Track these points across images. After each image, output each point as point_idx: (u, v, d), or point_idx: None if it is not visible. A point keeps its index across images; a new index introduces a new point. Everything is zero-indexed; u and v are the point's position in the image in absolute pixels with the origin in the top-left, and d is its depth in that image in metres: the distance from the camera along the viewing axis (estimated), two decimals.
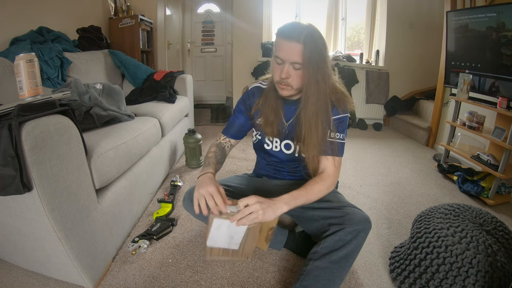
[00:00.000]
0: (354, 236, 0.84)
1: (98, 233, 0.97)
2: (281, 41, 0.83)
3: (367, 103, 3.39)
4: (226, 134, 1.09)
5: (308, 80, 0.85)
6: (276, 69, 0.87)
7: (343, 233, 0.85)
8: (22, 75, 0.77)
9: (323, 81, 0.86)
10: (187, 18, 4.14)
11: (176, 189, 1.59)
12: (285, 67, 0.84)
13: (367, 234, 0.87)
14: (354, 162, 2.19)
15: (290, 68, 0.84)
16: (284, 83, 0.87)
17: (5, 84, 1.35)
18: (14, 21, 1.73)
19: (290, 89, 0.89)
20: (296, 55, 0.81)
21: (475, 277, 0.82)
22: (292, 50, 0.81)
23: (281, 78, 0.86)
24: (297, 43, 0.80)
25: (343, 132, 0.96)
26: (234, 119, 1.09)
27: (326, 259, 0.85)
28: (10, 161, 0.68)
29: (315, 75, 0.84)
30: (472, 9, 1.86)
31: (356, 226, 0.85)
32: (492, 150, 1.80)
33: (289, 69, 0.84)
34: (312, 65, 0.83)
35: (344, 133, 0.96)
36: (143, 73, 2.30)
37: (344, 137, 0.96)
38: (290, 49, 0.81)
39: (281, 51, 0.83)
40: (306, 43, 0.80)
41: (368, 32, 3.59)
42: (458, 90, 1.91)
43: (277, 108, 0.99)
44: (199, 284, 0.98)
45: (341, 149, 0.96)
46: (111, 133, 1.17)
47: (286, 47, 0.82)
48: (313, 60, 0.82)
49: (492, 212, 1.52)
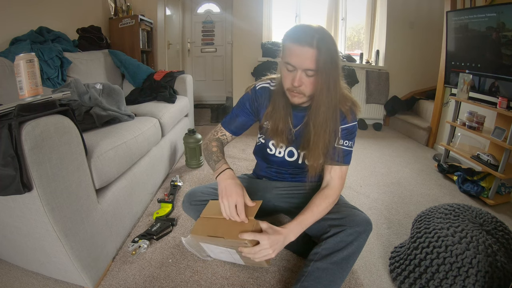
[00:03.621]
0: (355, 237, 0.84)
1: (98, 233, 0.97)
2: (292, 46, 0.77)
3: (367, 103, 3.39)
4: (226, 128, 1.05)
5: (320, 87, 0.81)
6: (287, 76, 0.82)
7: (344, 234, 0.85)
8: (22, 75, 0.77)
9: (334, 88, 0.82)
10: (187, 18, 4.14)
11: (176, 189, 1.59)
12: (297, 75, 0.79)
13: (368, 236, 0.88)
14: (354, 162, 2.19)
15: (303, 75, 0.79)
16: (296, 91, 0.83)
17: (5, 84, 1.34)
18: (14, 21, 1.73)
19: (303, 96, 0.85)
20: (310, 62, 0.76)
21: (475, 277, 0.82)
22: (305, 56, 0.75)
23: (294, 86, 0.81)
24: (310, 48, 0.74)
25: (351, 140, 0.94)
26: (237, 115, 1.04)
27: (327, 260, 0.84)
28: (10, 161, 0.68)
29: (327, 82, 0.80)
30: (472, 9, 1.86)
31: (357, 227, 0.85)
32: (492, 150, 1.80)
33: (302, 76, 0.79)
34: (326, 71, 0.78)
35: (353, 141, 0.95)
36: (143, 73, 2.30)
37: (352, 145, 0.95)
38: (302, 55, 0.76)
39: (292, 57, 0.77)
40: (320, 48, 0.74)
41: (368, 32, 3.59)
42: (458, 90, 1.91)
43: (286, 116, 0.95)
44: (199, 284, 0.98)
45: (348, 157, 0.95)
46: (111, 133, 1.17)
47: (298, 52, 0.76)
48: (327, 66, 0.77)
49: (492, 212, 1.52)
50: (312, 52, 0.75)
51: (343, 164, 0.94)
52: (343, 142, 0.92)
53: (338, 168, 0.94)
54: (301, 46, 0.75)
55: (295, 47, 0.76)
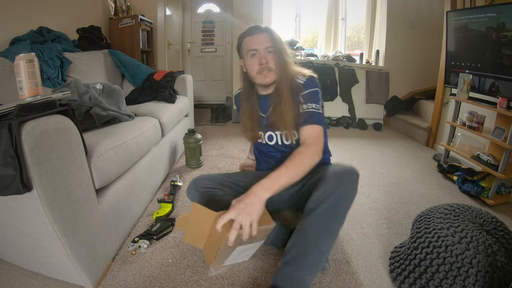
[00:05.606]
0: (338, 186, 0.83)
1: (98, 233, 0.97)
2: (250, 38, 0.99)
3: (367, 103, 3.39)
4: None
5: (279, 61, 0.98)
6: (253, 62, 0.99)
7: (325, 187, 0.84)
8: (22, 75, 0.77)
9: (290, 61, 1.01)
10: (187, 18, 4.14)
11: (176, 189, 1.59)
12: (261, 54, 0.98)
13: (355, 183, 0.86)
14: (354, 162, 2.19)
15: (266, 52, 0.98)
16: (265, 69, 0.98)
17: (5, 84, 1.34)
18: (14, 21, 1.73)
19: (273, 73, 0.99)
20: (267, 41, 0.98)
21: (475, 277, 0.82)
22: (262, 38, 0.98)
23: (261, 64, 0.98)
24: (263, 32, 0.99)
25: (315, 102, 0.99)
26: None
27: (312, 214, 0.84)
28: (10, 161, 0.68)
29: (283, 55, 0.99)
30: (472, 9, 1.86)
31: (340, 175, 0.85)
32: (492, 150, 1.80)
33: (265, 53, 0.98)
34: (279, 46, 0.99)
35: (319, 104, 1.00)
36: (143, 73, 2.30)
37: (319, 108, 1.00)
38: (260, 38, 0.98)
39: (254, 44, 0.98)
40: (269, 31, 0.99)
41: (368, 32, 3.59)
42: (458, 90, 1.91)
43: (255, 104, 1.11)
44: (199, 284, 0.98)
45: (317, 118, 0.98)
46: (111, 133, 1.17)
47: (257, 39, 0.98)
48: (279, 42, 0.99)
49: (492, 212, 1.52)
50: (265, 34, 0.99)
51: (311, 124, 0.97)
52: (306, 105, 0.99)
53: (308, 127, 0.97)
54: (257, 33, 0.99)
55: (253, 37, 0.99)
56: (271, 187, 0.80)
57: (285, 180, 0.83)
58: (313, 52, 3.61)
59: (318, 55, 3.59)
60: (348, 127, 3.31)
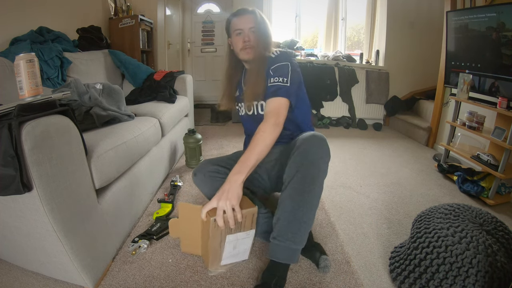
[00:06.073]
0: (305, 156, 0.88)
1: (98, 233, 0.97)
2: (237, 18, 1.10)
3: (367, 103, 3.39)
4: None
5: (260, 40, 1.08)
6: (238, 40, 1.09)
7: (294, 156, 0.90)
8: (22, 75, 0.77)
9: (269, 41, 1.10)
10: (187, 18, 4.14)
11: (176, 189, 1.59)
12: (246, 33, 1.08)
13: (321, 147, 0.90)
14: (354, 162, 2.19)
15: (249, 32, 1.08)
16: (247, 46, 1.08)
17: (5, 84, 1.35)
18: (14, 21, 1.73)
19: (254, 50, 1.08)
20: (251, 22, 1.08)
21: (475, 277, 0.82)
22: (247, 19, 1.08)
23: (245, 42, 1.08)
24: (249, 14, 1.09)
25: (284, 76, 1.02)
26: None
27: (288, 187, 0.90)
28: (10, 161, 0.68)
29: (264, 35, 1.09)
30: (472, 9, 1.86)
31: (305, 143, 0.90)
32: (492, 150, 1.80)
33: (249, 33, 1.08)
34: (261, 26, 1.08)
35: (286, 78, 1.02)
36: (143, 73, 2.30)
37: (287, 81, 1.02)
38: (246, 19, 1.09)
39: (240, 23, 1.09)
40: (254, 13, 1.10)
41: (368, 32, 3.59)
42: (458, 90, 1.91)
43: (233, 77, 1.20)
44: (199, 284, 0.98)
45: (282, 90, 1.00)
46: (111, 133, 1.17)
47: (243, 20, 1.09)
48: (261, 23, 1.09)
49: (492, 212, 1.52)
50: (251, 16, 1.09)
51: (275, 96, 1.00)
52: (274, 79, 1.03)
53: (271, 100, 1.00)
54: (244, 15, 1.10)
55: (240, 17, 1.10)
56: (243, 169, 0.87)
57: (254, 159, 0.89)
58: (313, 52, 3.61)
59: (318, 55, 3.60)
60: (348, 127, 3.31)
